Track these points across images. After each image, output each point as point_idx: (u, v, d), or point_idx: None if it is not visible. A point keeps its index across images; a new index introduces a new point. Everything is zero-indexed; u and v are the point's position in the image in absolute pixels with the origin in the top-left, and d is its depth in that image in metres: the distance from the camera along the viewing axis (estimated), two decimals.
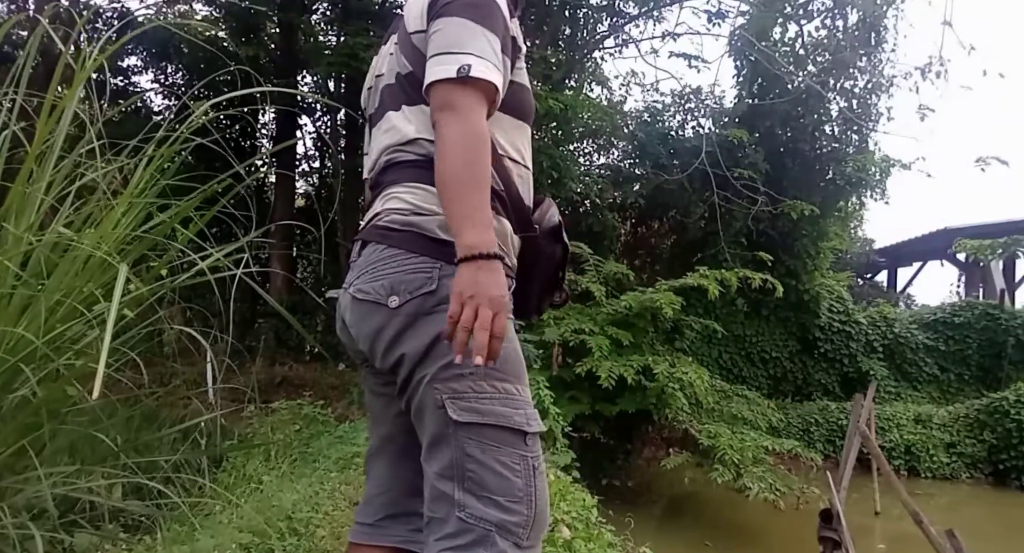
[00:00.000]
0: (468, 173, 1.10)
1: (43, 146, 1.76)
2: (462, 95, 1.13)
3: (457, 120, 1.12)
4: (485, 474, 1.12)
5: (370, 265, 1.21)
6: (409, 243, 1.19)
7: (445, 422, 1.12)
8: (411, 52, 1.26)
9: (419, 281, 1.16)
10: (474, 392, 1.13)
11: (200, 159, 5.28)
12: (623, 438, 7.91)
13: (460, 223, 1.09)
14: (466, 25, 1.17)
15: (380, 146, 1.31)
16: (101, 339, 1.18)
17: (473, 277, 1.06)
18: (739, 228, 9.79)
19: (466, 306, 1.05)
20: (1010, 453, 9.30)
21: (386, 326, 1.17)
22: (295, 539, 2.57)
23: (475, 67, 1.13)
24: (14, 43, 8.11)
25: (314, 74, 11.30)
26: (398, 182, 1.25)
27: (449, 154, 1.11)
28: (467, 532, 1.10)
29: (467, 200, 1.09)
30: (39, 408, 1.72)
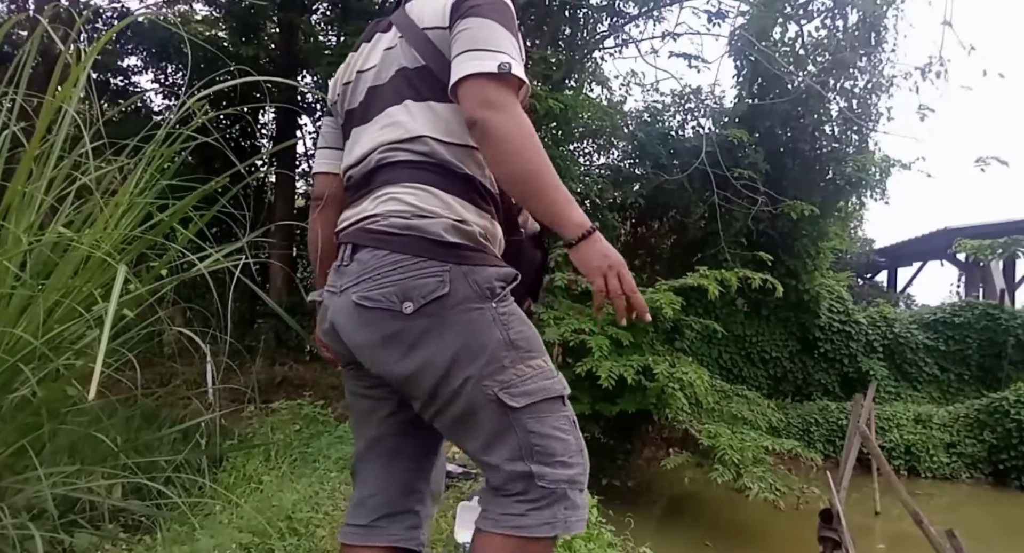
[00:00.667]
0: (539, 162, 1.13)
1: (43, 146, 1.76)
2: (503, 91, 1.15)
3: (506, 117, 1.13)
4: (549, 442, 1.21)
5: (372, 271, 1.19)
6: (413, 247, 1.18)
7: (504, 413, 1.19)
8: (426, 47, 1.25)
9: (431, 285, 1.16)
10: (519, 378, 1.19)
11: (200, 159, 5.28)
12: (623, 438, 7.91)
13: (556, 208, 1.14)
14: (495, 27, 1.19)
15: (375, 142, 1.28)
16: (100, 339, 1.18)
17: (597, 250, 1.14)
18: (739, 228, 9.79)
19: (608, 277, 1.14)
20: (1010, 453, 9.30)
21: (401, 332, 1.18)
22: (295, 539, 2.57)
23: (514, 66, 1.15)
24: (14, 43, 8.11)
25: (314, 74, 11.29)
26: (395, 182, 1.24)
27: (512, 149, 1.14)
28: (548, 495, 1.20)
29: (550, 187, 1.14)
30: (39, 408, 1.72)
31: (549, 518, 1.20)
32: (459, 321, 1.17)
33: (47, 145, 1.78)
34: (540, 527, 1.19)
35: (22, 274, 1.67)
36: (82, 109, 1.88)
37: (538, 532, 1.19)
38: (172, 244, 1.82)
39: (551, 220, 1.15)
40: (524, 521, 1.20)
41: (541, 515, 1.20)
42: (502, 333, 1.19)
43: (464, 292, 1.17)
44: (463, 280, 1.17)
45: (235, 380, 3.06)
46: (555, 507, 1.20)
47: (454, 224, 1.21)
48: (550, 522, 1.20)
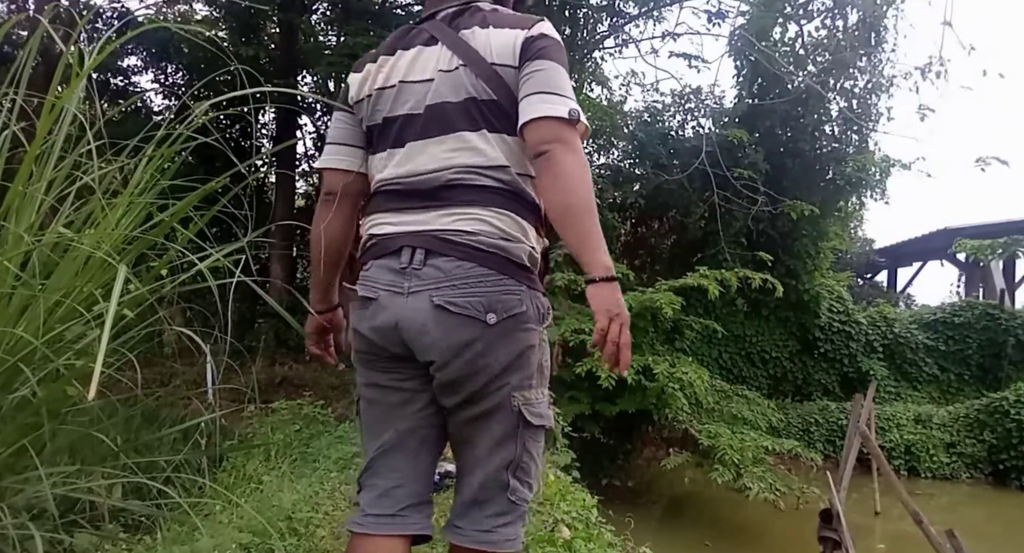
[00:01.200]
0: (589, 202, 1.28)
1: (43, 146, 1.76)
2: (572, 134, 1.29)
3: (574, 156, 1.27)
4: (530, 464, 1.38)
5: (457, 279, 1.29)
6: (500, 265, 1.31)
7: (517, 424, 1.34)
8: (497, 83, 1.34)
9: (512, 302, 1.30)
10: (536, 400, 1.36)
11: (200, 159, 5.28)
12: (623, 438, 7.91)
13: (592, 247, 1.27)
14: (562, 73, 1.32)
15: (448, 161, 1.35)
16: (100, 339, 1.18)
17: (615, 296, 1.26)
18: (739, 228, 9.79)
19: (613, 322, 1.25)
20: (1010, 453, 9.30)
21: (477, 339, 1.29)
22: (295, 539, 2.57)
23: (581, 115, 1.30)
24: (14, 43, 8.11)
25: (314, 74, 11.29)
26: (479, 204, 1.33)
27: (569, 185, 1.27)
28: (513, 511, 1.37)
29: (594, 226, 1.28)
30: (39, 408, 1.72)
31: (512, 535, 1.36)
32: (522, 337, 1.32)
33: (47, 145, 1.78)
34: (505, 543, 1.35)
35: (22, 274, 1.67)
36: (83, 109, 1.88)
37: (504, 547, 1.35)
38: (172, 244, 1.82)
39: (585, 255, 1.28)
40: (492, 537, 1.35)
41: (507, 532, 1.36)
42: (539, 356, 1.37)
43: (531, 313, 1.33)
44: (531, 302, 1.34)
45: (235, 380, 3.06)
46: (517, 525, 1.38)
47: (529, 251, 1.36)
48: (512, 539, 1.36)
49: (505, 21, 1.38)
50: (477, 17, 1.40)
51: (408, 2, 11.38)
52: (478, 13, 1.42)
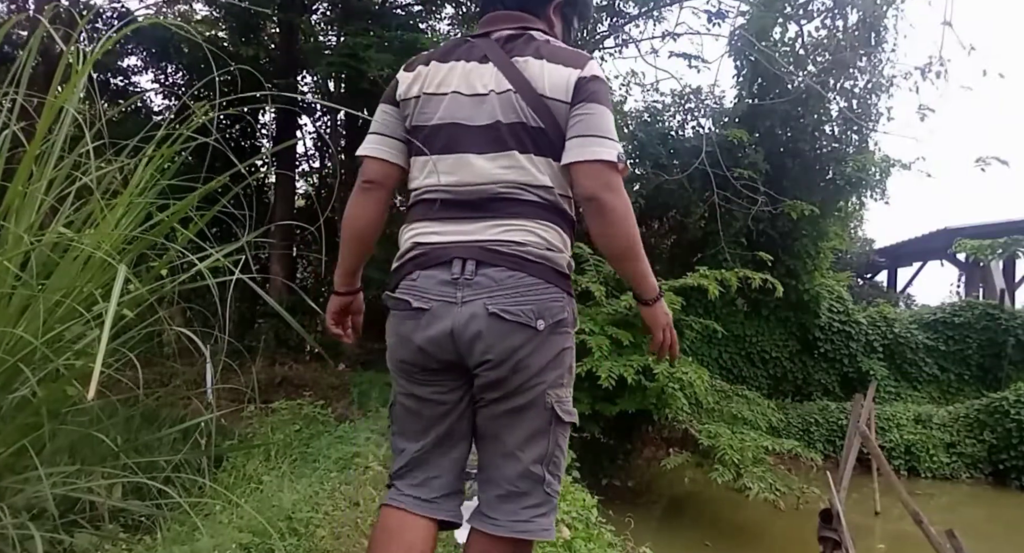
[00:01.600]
0: (636, 239, 1.45)
1: (43, 146, 1.76)
2: (618, 179, 1.42)
3: (621, 200, 1.41)
4: (560, 458, 1.49)
5: (509, 288, 1.39)
6: (546, 274, 1.42)
7: (550, 420, 1.45)
8: (545, 114, 1.43)
9: (556, 309, 1.43)
10: (567, 398, 1.48)
11: (200, 159, 5.28)
12: (623, 438, 7.91)
13: (644, 276, 1.49)
14: (609, 117, 1.43)
15: (496, 176, 1.43)
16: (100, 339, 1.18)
17: (663, 310, 1.54)
18: (739, 228, 9.78)
19: (666, 333, 1.55)
20: (1010, 453, 9.30)
21: (527, 344, 1.40)
22: (295, 539, 2.57)
23: (623, 157, 1.43)
24: (14, 43, 8.11)
25: (314, 74, 11.30)
26: (524, 216, 1.43)
27: (625, 230, 1.43)
28: (547, 503, 1.47)
29: (641, 259, 1.47)
30: (39, 408, 1.72)
31: (547, 525, 1.46)
32: (560, 340, 1.45)
33: (47, 145, 1.78)
34: (541, 532, 1.46)
35: (22, 274, 1.67)
36: (82, 109, 1.88)
37: (540, 536, 1.46)
38: (172, 244, 1.82)
39: (637, 283, 1.51)
40: (530, 526, 1.44)
41: (542, 522, 1.46)
42: (570, 359, 1.50)
43: (570, 318, 1.47)
44: (570, 308, 1.47)
45: (235, 380, 3.06)
46: (551, 516, 1.48)
47: (568, 261, 1.49)
48: (547, 529, 1.46)
49: (559, 56, 1.46)
50: (532, 46, 1.48)
51: (408, 2, 11.39)
52: (532, 42, 1.49)
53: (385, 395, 7.66)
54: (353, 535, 2.86)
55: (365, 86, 9.40)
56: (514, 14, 1.54)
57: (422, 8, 11.25)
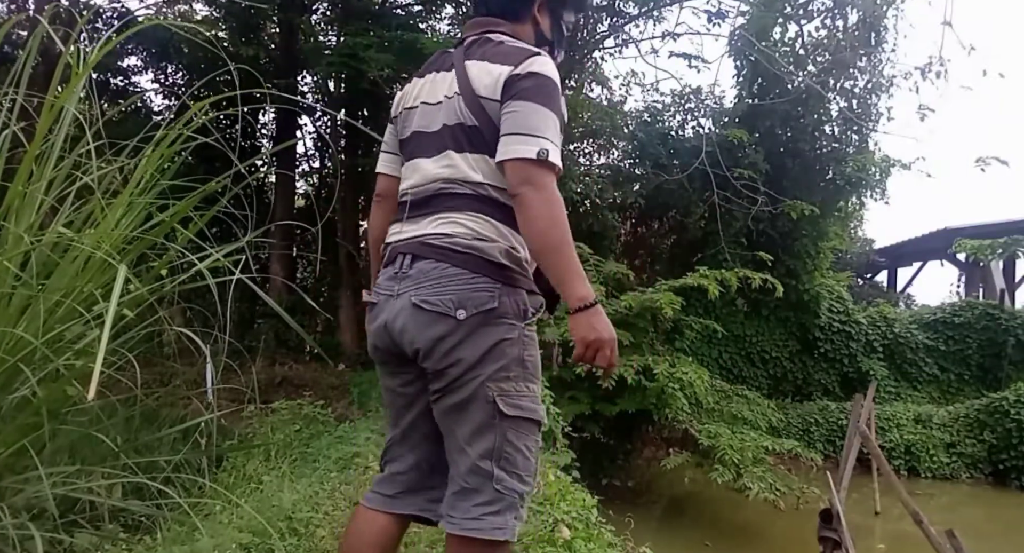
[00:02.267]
0: (560, 239, 1.37)
1: (43, 146, 1.76)
2: (541, 174, 1.38)
3: (543, 196, 1.37)
4: (516, 456, 1.43)
5: (432, 279, 1.42)
6: (472, 264, 1.41)
7: (493, 414, 1.41)
8: (479, 112, 1.46)
9: (483, 299, 1.40)
10: (516, 392, 1.43)
11: (200, 159, 5.28)
12: (623, 438, 7.91)
13: (567, 280, 1.37)
14: (540, 111, 1.41)
15: (436, 175, 1.50)
16: (100, 339, 1.18)
17: (589, 324, 1.37)
18: (739, 228, 9.78)
19: (590, 349, 1.38)
20: (1010, 453, 9.30)
21: (450, 334, 1.40)
22: (295, 539, 2.57)
23: (551, 153, 1.39)
24: (14, 43, 8.11)
25: (314, 74, 11.29)
26: (457, 209, 1.46)
27: (543, 227, 1.37)
28: (499, 500, 1.41)
29: (565, 261, 1.37)
30: (39, 408, 1.71)
31: (501, 524, 1.41)
32: (495, 331, 1.40)
33: (47, 145, 1.78)
34: (493, 531, 1.40)
35: (23, 274, 1.67)
36: (82, 109, 1.88)
37: (491, 535, 1.40)
38: (172, 244, 1.82)
39: (562, 290, 1.39)
40: (480, 524, 1.41)
41: (495, 520, 1.41)
42: (520, 351, 1.44)
43: (505, 308, 1.42)
44: (508, 298, 1.42)
45: (235, 380, 3.06)
46: (507, 515, 1.42)
47: (507, 250, 1.44)
48: (502, 527, 1.41)
49: (499, 55, 1.48)
50: (483, 49, 1.52)
51: (408, 2, 11.38)
52: (487, 44, 1.53)
53: None
54: None
55: (365, 86, 9.40)
56: (485, 19, 1.60)
57: (422, 8, 11.25)
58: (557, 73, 1.50)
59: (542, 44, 1.63)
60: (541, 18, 1.64)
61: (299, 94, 11.50)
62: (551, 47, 1.67)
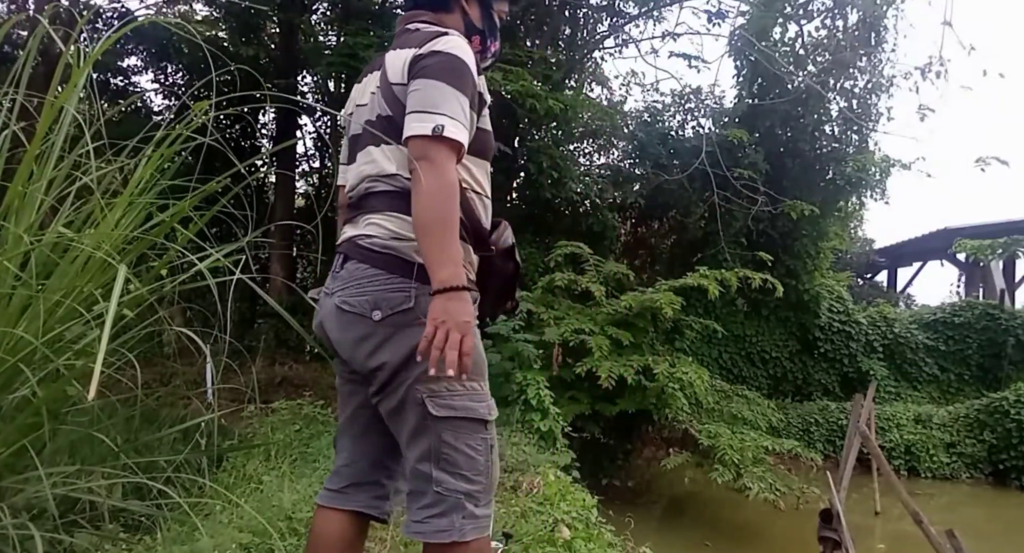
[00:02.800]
0: (442, 219, 1.33)
1: (43, 146, 1.76)
2: (436, 150, 1.34)
3: (433, 172, 1.33)
4: (456, 456, 1.39)
5: (354, 280, 1.43)
6: (388, 265, 1.41)
7: (424, 416, 1.38)
8: (392, 100, 1.45)
9: (399, 299, 1.39)
10: (448, 391, 1.38)
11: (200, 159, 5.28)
12: (623, 438, 7.91)
13: (435, 261, 1.32)
14: (440, 88, 1.37)
15: (362, 174, 1.51)
16: (100, 339, 1.18)
17: (444, 307, 1.29)
18: (739, 228, 9.78)
19: (439, 329, 1.28)
20: (1010, 453, 9.30)
21: (370, 336, 1.39)
22: (295, 539, 2.57)
23: (448, 128, 1.35)
24: (14, 43, 8.11)
25: (314, 74, 11.28)
26: (377, 210, 1.46)
27: (426, 202, 1.33)
28: (442, 502, 1.38)
29: (441, 242, 1.32)
30: (39, 408, 1.71)
31: (446, 526, 1.38)
32: (414, 331, 1.34)
33: (47, 145, 1.78)
34: (436, 533, 1.38)
35: (22, 274, 1.67)
36: (82, 109, 1.88)
37: (434, 538, 1.38)
38: (172, 244, 1.82)
39: (429, 267, 1.33)
40: (424, 527, 1.39)
41: (438, 522, 1.38)
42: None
43: (423, 308, 1.34)
44: (426, 297, 1.35)
45: (235, 380, 3.06)
46: (452, 516, 1.38)
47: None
48: (446, 530, 1.37)
49: (410, 41, 1.48)
50: (400, 39, 1.53)
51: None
52: (404, 34, 1.54)
53: None
54: None
55: None
56: (412, 13, 1.59)
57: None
58: (468, 49, 1.45)
59: (473, 33, 1.60)
60: (470, 7, 1.61)
61: (299, 94, 11.50)
62: (482, 36, 1.62)
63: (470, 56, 1.44)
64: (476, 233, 1.50)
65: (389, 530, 2.96)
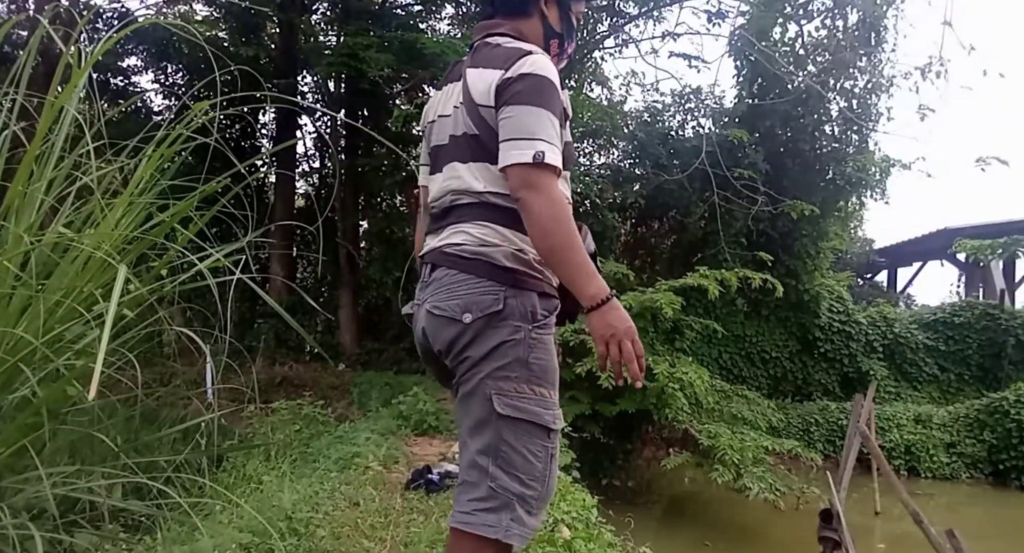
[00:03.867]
0: (564, 240, 1.38)
1: (43, 146, 1.76)
2: (540, 176, 1.39)
3: (541, 198, 1.38)
4: (514, 456, 1.42)
5: (444, 287, 1.48)
6: (477, 269, 1.45)
7: (490, 411, 1.42)
8: (478, 120, 1.49)
9: (488, 302, 1.43)
10: (516, 393, 1.43)
11: (200, 159, 5.29)
12: (623, 438, 7.91)
13: (576, 280, 1.39)
14: (534, 112, 1.41)
15: (446, 188, 1.55)
16: (100, 339, 1.18)
17: (605, 320, 1.37)
18: (739, 228, 9.78)
19: (611, 345, 1.37)
20: (1010, 453, 9.30)
21: (460, 337, 1.45)
22: (295, 539, 2.57)
23: (547, 154, 1.39)
24: (14, 43, 8.11)
25: (314, 74, 11.29)
26: (464, 220, 1.50)
27: (545, 227, 1.38)
28: (494, 498, 1.41)
29: (573, 261, 1.38)
30: (39, 408, 1.71)
31: (493, 522, 1.39)
32: (499, 332, 1.43)
33: (48, 145, 1.78)
34: (482, 527, 1.39)
35: (23, 274, 1.67)
36: (82, 109, 1.88)
37: (479, 530, 1.40)
38: (172, 244, 1.82)
39: (572, 288, 1.40)
40: (471, 519, 1.41)
41: (486, 517, 1.40)
42: (524, 353, 1.44)
43: (512, 310, 1.43)
44: (515, 300, 1.44)
45: (235, 380, 3.06)
46: (500, 514, 1.40)
47: (513, 253, 1.46)
48: (492, 525, 1.39)
49: (491, 60, 1.50)
50: (481, 55, 1.55)
51: (408, 2, 11.39)
52: (483, 49, 1.56)
53: (385, 395, 7.68)
54: (353, 535, 2.86)
55: (365, 86, 9.40)
56: (490, 23, 1.61)
57: (422, 8, 11.25)
58: (552, 68, 1.47)
59: (552, 37, 1.62)
60: (549, 11, 1.62)
61: (299, 94, 11.51)
62: (560, 40, 1.64)
63: (554, 73, 1.48)
64: None
65: (389, 530, 2.97)
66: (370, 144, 10.96)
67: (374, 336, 11.16)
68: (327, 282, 12.37)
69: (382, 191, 12.40)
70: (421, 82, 10.01)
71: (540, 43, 1.58)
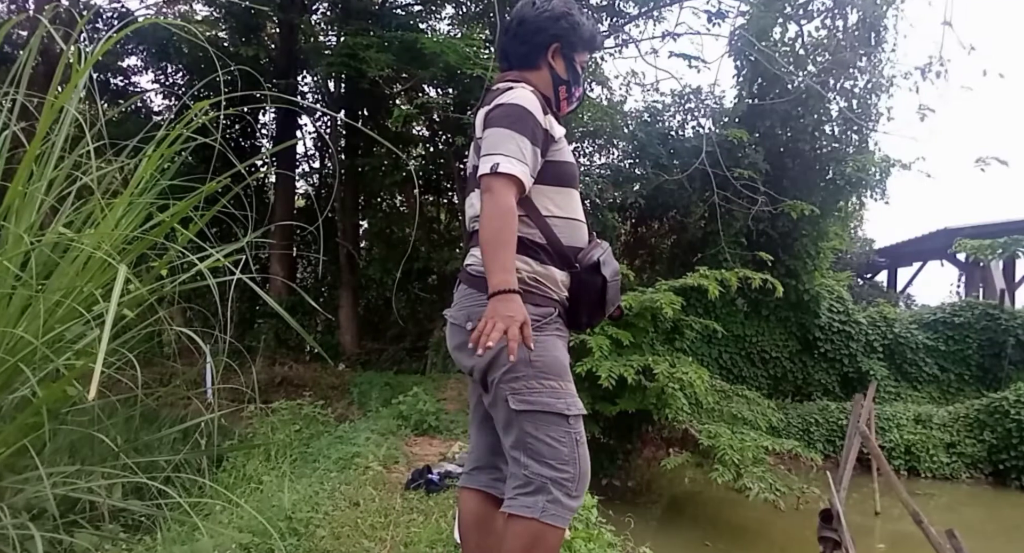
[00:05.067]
0: (495, 238, 1.58)
1: (43, 146, 1.76)
2: (492, 182, 1.60)
3: (490, 200, 1.60)
4: (539, 445, 1.62)
5: (457, 300, 1.74)
6: (479, 285, 1.65)
7: (509, 411, 1.63)
8: (478, 152, 1.71)
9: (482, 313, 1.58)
10: (527, 389, 1.62)
11: (200, 159, 5.28)
12: (623, 438, 7.91)
13: (489, 271, 1.57)
14: (500, 132, 1.64)
15: (470, 214, 1.81)
16: (100, 339, 1.18)
17: (493, 306, 1.54)
18: (739, 228, 9.78)
19: (487, 323, 1.52)
20: (1010, 453, 9.30)
21: (464, 342, 1.64)
22: (295, 539, 2.57)
23: (503, 165, 1.60)
24: (14, 43, 8.12)
25: (314, 74, 11.29)
26: (475, 243, 1.72)
27: (486, 225, 1.59)
28: (530, 484, 1.61)
29: (494, 255, 1.57)
30: (39, 408, 1.71)
31: (531, 503, 1.59)
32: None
33: (48, 145, 1.78)
34: (520, 508, 1.59)
35: (23, 274, 1.67)
36: (82, 109, 1.88)
37: (520, 512, 1.59)
38: (172, 244, 1.82)
39: (487, 274, 1.58)
40: (512, 503, 1.61)
41: (524, 499, 1.60)
42: (525, 353, 1.58)
43: None
44: None
45: (235, 380, 3.06)
46: (537, 496, 1.59)
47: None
48: (530, 507, 1.58)
49: (488, 99, 1.75)
50: (487, 98, 1.78)
51: (408, 2, 11.38)
52: (490, 94, 1.78)
53: (385, 395, 7.68)
54: (353, 535, 2.86)
55: (365, 86, 9.40)
56: (502, 74, 1.86)
57: (422, 8, 11.25)
58: (529, 97, 1.67)
59: (559, 84, 1.85)
60: (555, 63, 1.84)
61: (299, 94, 11.51)
62: (568, 86, 1.86)
63: (531, 101, 1.68)
64: (558, 254, 1.74)
65: (389, 530, 2.97)
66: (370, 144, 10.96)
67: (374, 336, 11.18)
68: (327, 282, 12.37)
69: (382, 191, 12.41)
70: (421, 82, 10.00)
71: (549, 89, 1.82)
